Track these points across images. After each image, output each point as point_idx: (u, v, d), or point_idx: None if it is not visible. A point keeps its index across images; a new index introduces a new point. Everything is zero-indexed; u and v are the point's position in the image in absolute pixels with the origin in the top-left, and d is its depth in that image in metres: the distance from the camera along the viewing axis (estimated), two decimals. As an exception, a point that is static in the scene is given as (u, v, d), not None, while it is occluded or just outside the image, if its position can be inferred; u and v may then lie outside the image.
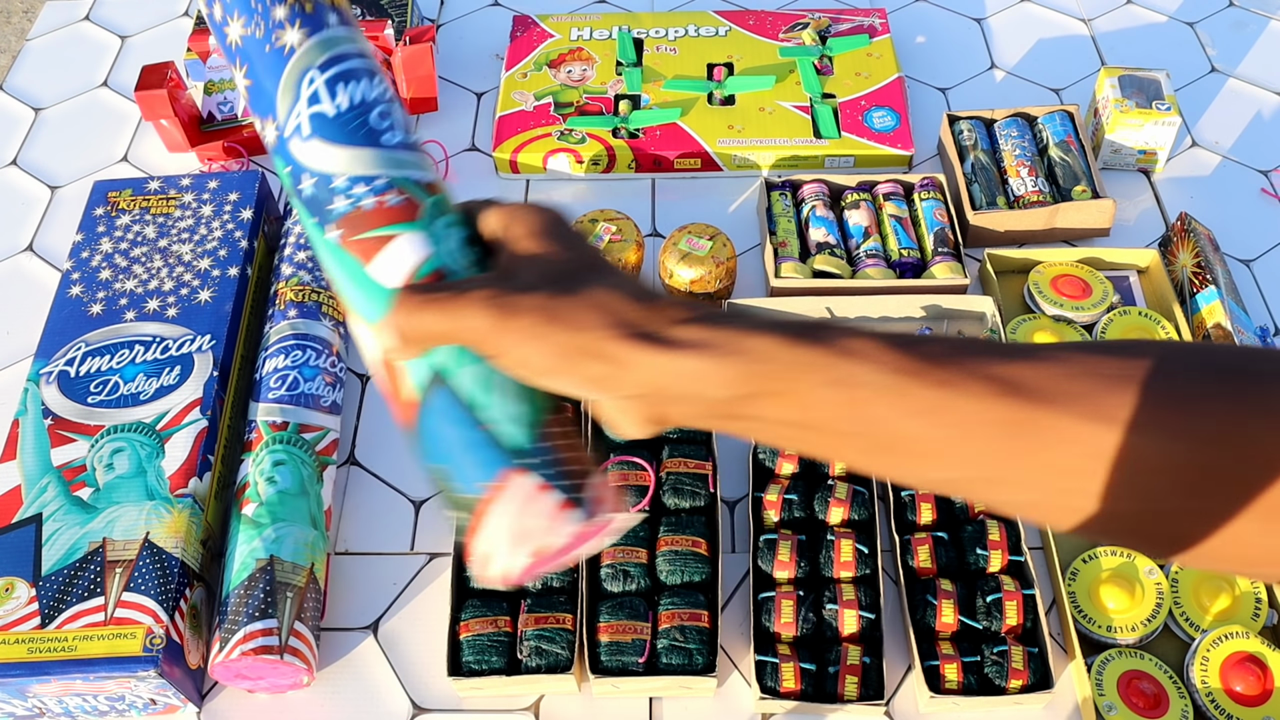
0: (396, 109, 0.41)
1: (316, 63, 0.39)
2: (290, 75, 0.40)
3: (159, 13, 1.22)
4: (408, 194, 0.40)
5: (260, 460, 0.74)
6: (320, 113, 0.40)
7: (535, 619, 0.69)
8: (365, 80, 0.40)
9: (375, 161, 0.40)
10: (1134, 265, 0.92)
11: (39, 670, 0.65)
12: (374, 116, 0.40)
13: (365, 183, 0.39)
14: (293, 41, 0.39)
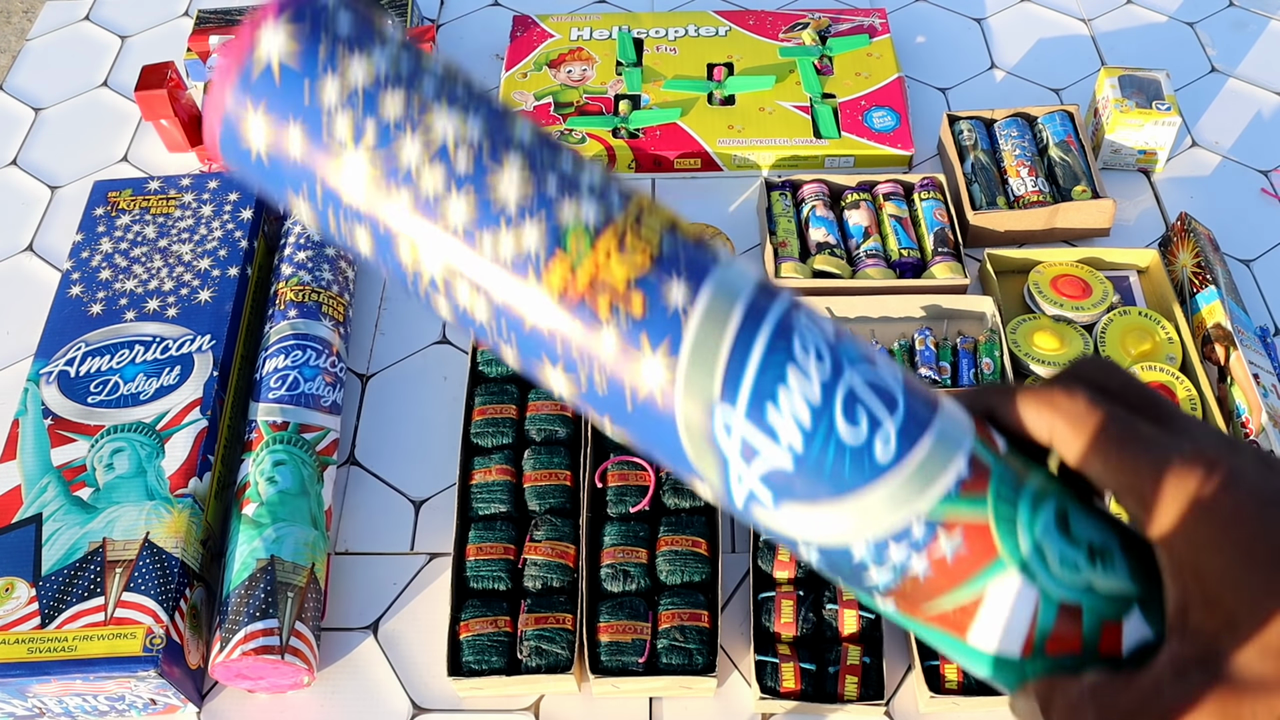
0: (868, 368, 0.29)
1: (716, 392, 0.28)
2: (691, 428, 0.29)
3: (159, 13, 1.22)
4: (963, 518, 0.28)
5: (261, 460, 0.74)
6: (775, 471, 0.29)
7: (535, 619, 0.69)
8: (799, 356, 0.28)
9: (893, 503, 0.28)
10: (1134, 265, 0.92)
11: (39, 670, 0.65)
12: (846, 424, 0.28)
13: (899, 540, 0.29)
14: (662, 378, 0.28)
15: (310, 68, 0.28)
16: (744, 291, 0.29)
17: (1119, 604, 0.28)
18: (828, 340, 0.29)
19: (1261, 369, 0.82)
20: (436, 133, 0.28)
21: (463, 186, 0.28)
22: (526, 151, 0.29)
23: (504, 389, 0.81)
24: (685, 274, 0.28)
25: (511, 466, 0.76)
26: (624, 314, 0.28)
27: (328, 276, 0.86)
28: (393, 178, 0.29)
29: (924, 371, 0.84)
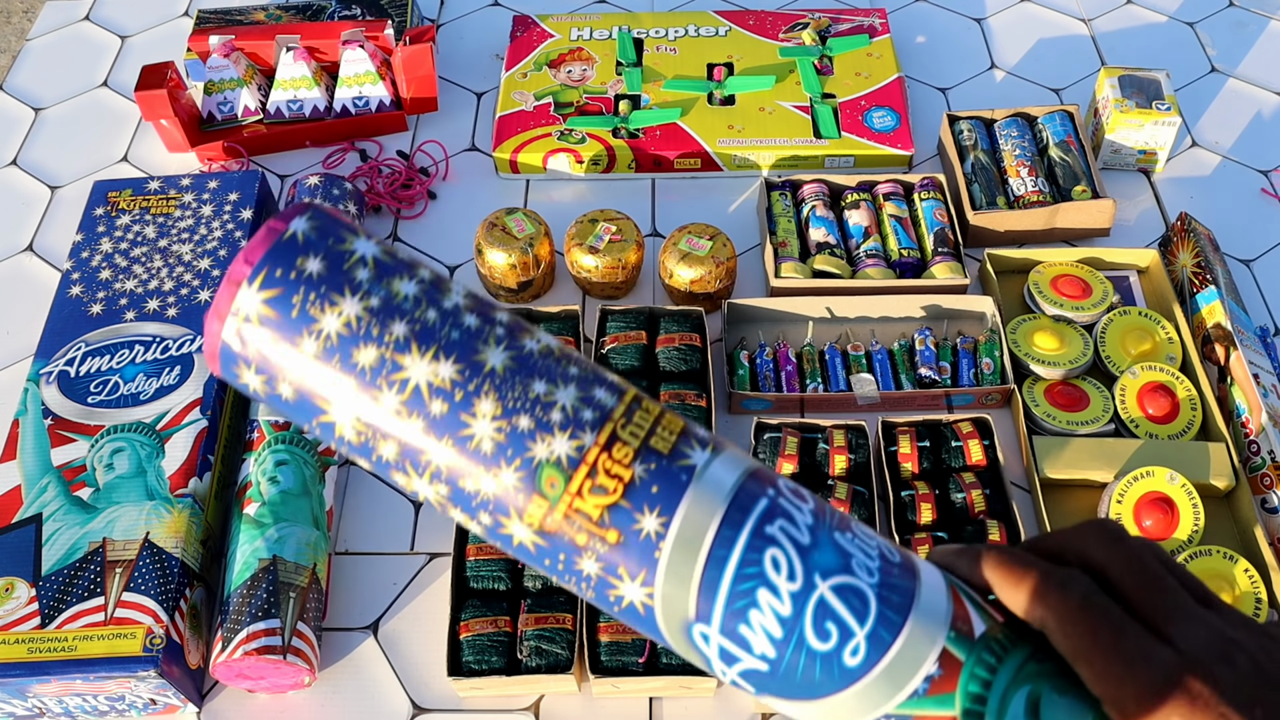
0: (841, 575, 0.31)
1: (691, 614, 0.30)
2: (673, 635, 0.31)
3: (159, 13, 1.22)
4: (931, 716, 0.30)
5: (262, 460, 0.74)
6: (751, 671, 0.31)
7: (535, 619, 0.69)
8: (770, 576, 0.30)
9: (862, 705, 0.30)
10: (1134, 265, 0.92)
11: (39, 670, 0.65)
12: (815, 636, 0.30)
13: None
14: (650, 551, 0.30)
15: (286, 327, 0.30)
16: (717, 511, 0.30)
17: None
18: (801, 548, 0.30)
19: (1261, 369, 0.82)
20: (411, 378, 0.30)
21: (441, 436, 0.30)
22: (498, 383, 0.30)
23: (504, 389, 0.80)
24: (658, 500, 0.30)
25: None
26: (601, 543, 0.30)
27: (328, 276, 0.85)
28: (378, 421, 0.31)
29: (924, 371, 0.84)
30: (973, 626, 0.31)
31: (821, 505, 0.32)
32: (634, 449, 0.30)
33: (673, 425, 0.32)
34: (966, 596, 0.32)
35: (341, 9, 1.13)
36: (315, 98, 1.04)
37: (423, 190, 1.01)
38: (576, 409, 0.31)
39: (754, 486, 0.31)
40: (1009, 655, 0.31)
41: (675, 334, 0.83)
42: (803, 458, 0.77)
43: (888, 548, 0.32)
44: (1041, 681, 0.30)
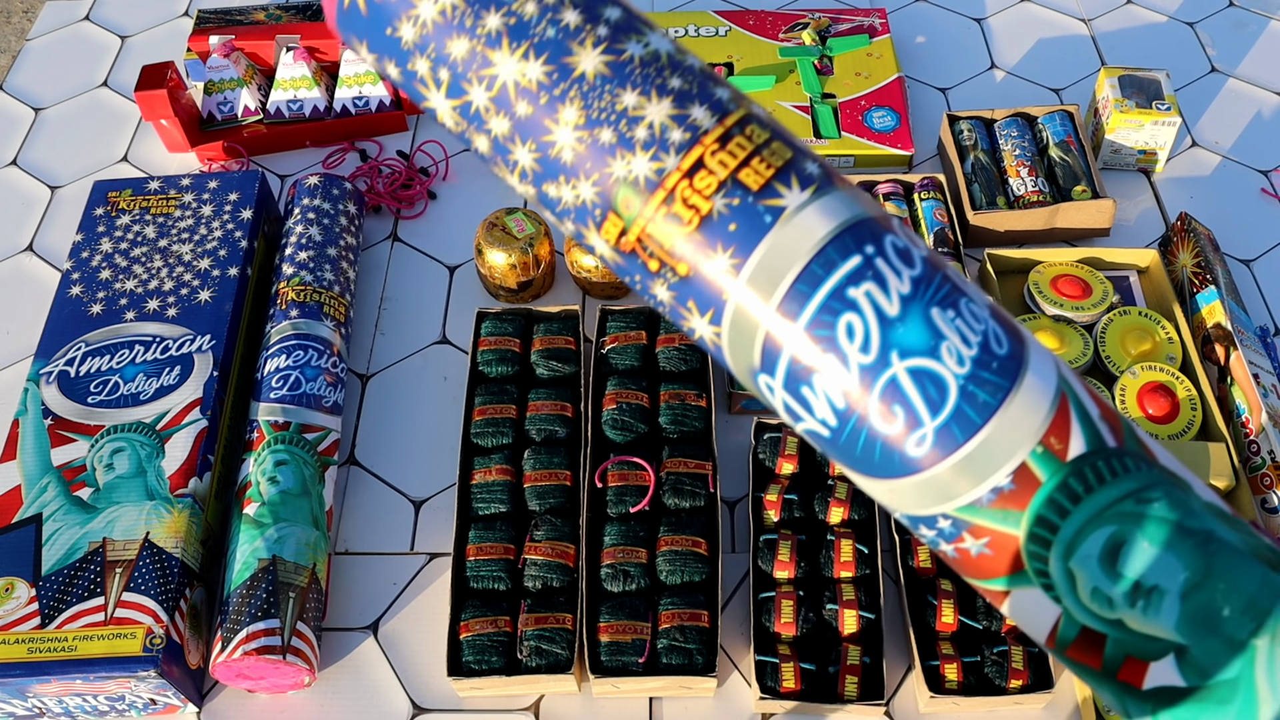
0: (927, 353, 0.27)
1: (756, 363, 0.28)
2: (742, 377, 0.29)
3: (159, 13, 1.22)
4: (992, 528, 0.28)
5: (262, 460, 0.74)
6: (813, 433, 0.29)
7: (535, 619, 0.69)
8: (841, 341, 0.27)
9: (920, 496, 0.28)
10: (1134, 265, 0.92)
11: (39, 670, 0.65)
12: (880, 418, 0.28)
13: (928, 525, 0.29)
14: None
15: (387, 10, 0.29)
16: (796, 262, 0.27)
17: (1152, 646, 0.27)
18: (884, 320, 0.27)
19: (1261, 369, 0.82)
20: (500, 76, 0.29)
21: (526, 139, 0.29)
22: (585, 91, 0.28)
23: (504, 389, 0.81)
24: (734, 239, 0.28)
25: (511, 466, 0.76)
26: (672, 273, 0.29)
27: (329, 277, 0.86)
28: (469, 115, 0.30)
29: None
30: (1068, 446, 0.27)
31: (934, 272, 0.28)
32: (720, 179, 0.28)
33: (777, 156, 0.28)
34: (1080, 409, 0.28)
35: (341, 9, 1.13)
36: (315, 98, 1.04)
37: (423, 190, 1.01)
38: (665, 127, 0.28)
39: (850, 239, 0.28)
40: (1104, 487, 0.27)
41: (675, 334, 0.83)
42: (803, 458, 0.77)
43: (999, 334, 0.28)
44: (1132, 525, 0.27)
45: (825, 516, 0.74)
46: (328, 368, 0.81)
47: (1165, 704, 0.27)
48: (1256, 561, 0.26)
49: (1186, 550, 0.27)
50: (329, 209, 0.90)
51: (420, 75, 0.30)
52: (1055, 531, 0.27)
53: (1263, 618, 0.26)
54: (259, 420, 0.77)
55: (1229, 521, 0.27)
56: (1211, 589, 0.26)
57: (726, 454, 0.82)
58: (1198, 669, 0.26)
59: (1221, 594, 0.26)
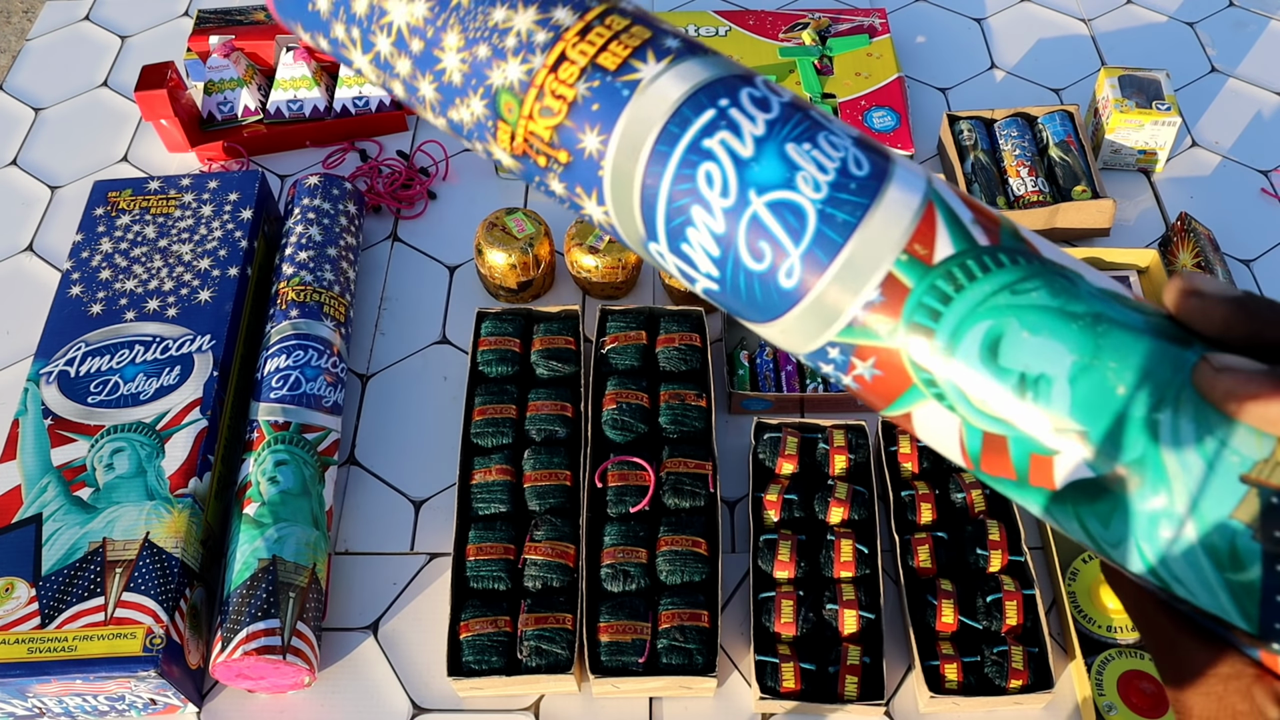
0: (782, 185, 0.28)
1: (642, 232, 0.30)
2: (640, 251, 0.31)
3: (159, 13, 1.22)
4: (873, 345, 0.28)
5: (262, 460, 0.74)
6: (709, 291, 0.30)
7: (535, 619, 0.69)
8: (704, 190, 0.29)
9: (804, 329, 0.29)
10: (1134, 265, 0.92)
11: (39, 670, 0.65)
12: (750, 256, 0.29)
13: (824, 359, 0.29)
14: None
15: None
16: (654, 126, 0.29)
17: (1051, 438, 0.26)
18: (739, 162, 0.28)
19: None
20: (394, 21, 0.32)
21: (424, 73, 0.32)
22: (462, 16, 0.31)
23: (504, 389, 0.81)
24: (599, 118, 0.29)
25: (511, 466, 0.76)
26: (556, 164, 0.30)
27: (329, 277, 0.86)
28: (381, 64, 0.33)
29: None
30: (934, 249, 0.27)
31: (792, 113, 0.29)
32: (581, 66, 0.30)
33: (635, 37, 0.30)
34: (950, 214, 0.28)
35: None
36: (315, 98, 1.04)
37: (423, 190, 1.01)
38: (531, 32, 0.30)
39: (704, 97, 0.29)
40: (974, 284, 0.27)
41: (675, 334, 0.83)
42: (803, 458, 0.77)
43: (858, 157, 0.28)
44: (1008, 315, 0.27)
45: (825, 516, 0.74)
46: (328, 368, 0.81)
47: (1083, 500, 0.26)
48: (1152, 336, 0.26)
49: (1071, 333, 0.26)
50: (329, 209, 0.90)
51: (340, 40, 0.33)
52: (931, 336, 0.27)
53: (1162, 391, 0.25)
54: (259, 420, 0.77)
55: (1123, 302, 0.27)
56: (1102, 368, 0.26)
57: (726, 454, 0.82)
58: (1101, 455, 0.26)
59: (1114, 372, 0.26)
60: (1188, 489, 0.25)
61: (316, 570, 0.72)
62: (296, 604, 0.69)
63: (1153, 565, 0.26)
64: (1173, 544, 0.25)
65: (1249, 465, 0.25)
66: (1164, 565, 0.25)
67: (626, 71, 0.29)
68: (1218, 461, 0.25)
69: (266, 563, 0.69)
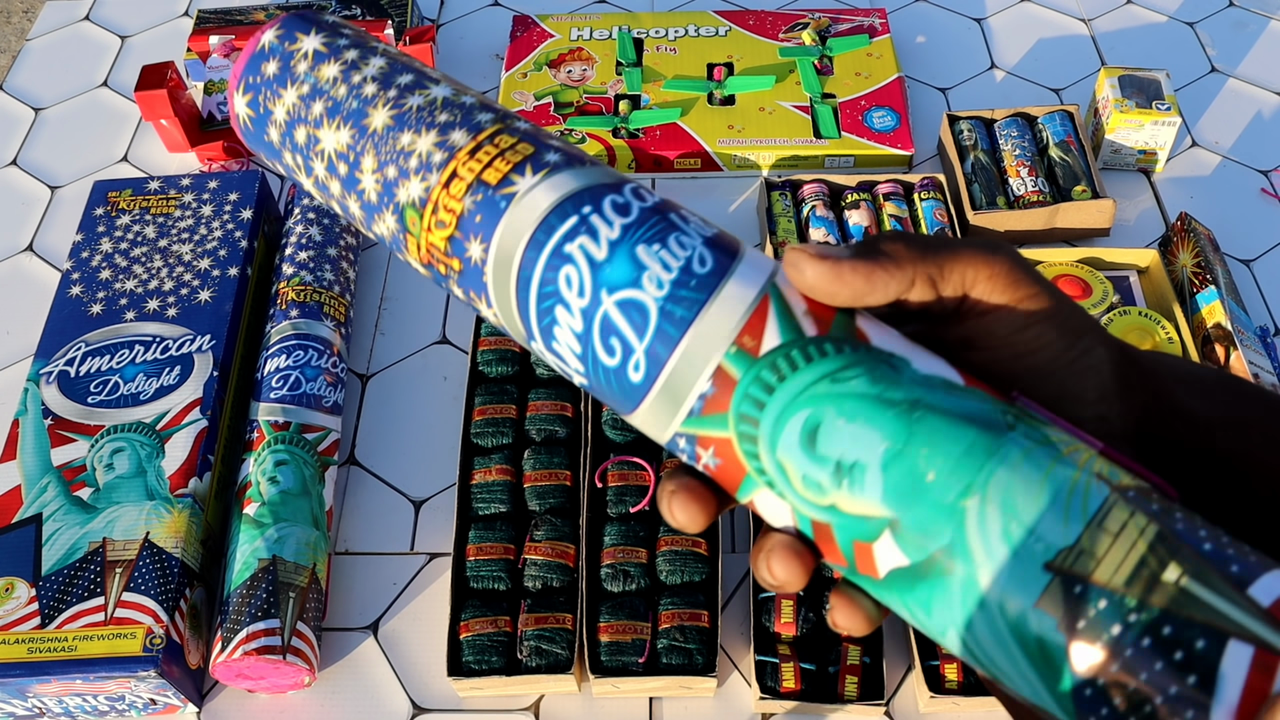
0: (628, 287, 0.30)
1: (523, 331, 0.33)
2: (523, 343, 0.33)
3: (159, 13, 1.22)
4: (712, 436, 0.29)
5: (262, 460, 0.74)
6: (584, 386, 0.32)
7: (535, 619, 0.69)
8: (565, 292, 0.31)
9: (656, 420, 0.30)
10: (1134, 265, 0.92)
11: (39, 670, 0.65)
12: (604, 352, 0.30)
13: (678, 449, 0.31)
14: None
15: (259, 123, 0.37)
16: (524, 234, 0.31)
17: (869, 526, 0.27)
18: (594, 264, 0.30)
19: (1261, 369, 0.82)
20: (325, 148, 0.35)
21: (349, 193, 0.35)
22: (377, 141, 0.34)
23: (504, 389, 0.81)
24: (480, 228, 0.32)
25: (511, 466, 0.76)
26: (454, 271, 0.33)
27: (329, 276, 0.86)
28: (319, 188, 0.36)
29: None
30: (762, 341, 0.28)
31: (649, 217, 0.31)
32: (468, 182, 0.32)
33: (518, 153, 0.32)
34: (783, 306, 0.29)
35: (341, 9, 1.13)
36: (315, 98, 1.04)
37: (423, 190, 1.01)
38: (429, 153, 0.33)
39: (570, 205, 0.31)
40: (796, 373, 0.28)
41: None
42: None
43: (704, 255, 0.30)
44: (826, 404, 0.27)
45: (825, 516, 0.74)
46: (328, 368, 0.81)
47: (905, 588, 0.27)
48: (967, 423, 0.26)
49: (886, 420, 0.27)
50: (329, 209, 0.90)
51: (291, 165, 0.37)
52: (758, 425, 0.28)
53: (971, 477, 0.26)
54: (259, 420, 0.77)
55: (948, 389, 0.27)
56: (914, 455, 0.26)
57: (726, 454, 0.82)
58: (913, 542, 0.26)
59: (925, 458, 0.26)
60: (995, 576, 0.25)
61: (316, 570, 0.72)
62: (296, 604, 0.69)
63: (975, 655, 0.26)
64: (988, 633, 0.25)
65: (1053, 553, 0.25)
66: (985, 655, 0.26)
67: (506, 185, 0.32)
68: (1023, 549, 0.25)
69: (266, 563, 0.69)
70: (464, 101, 0.34)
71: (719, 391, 0.29)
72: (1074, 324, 0.30)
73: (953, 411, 0.27)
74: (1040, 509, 0.25)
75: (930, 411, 0.27)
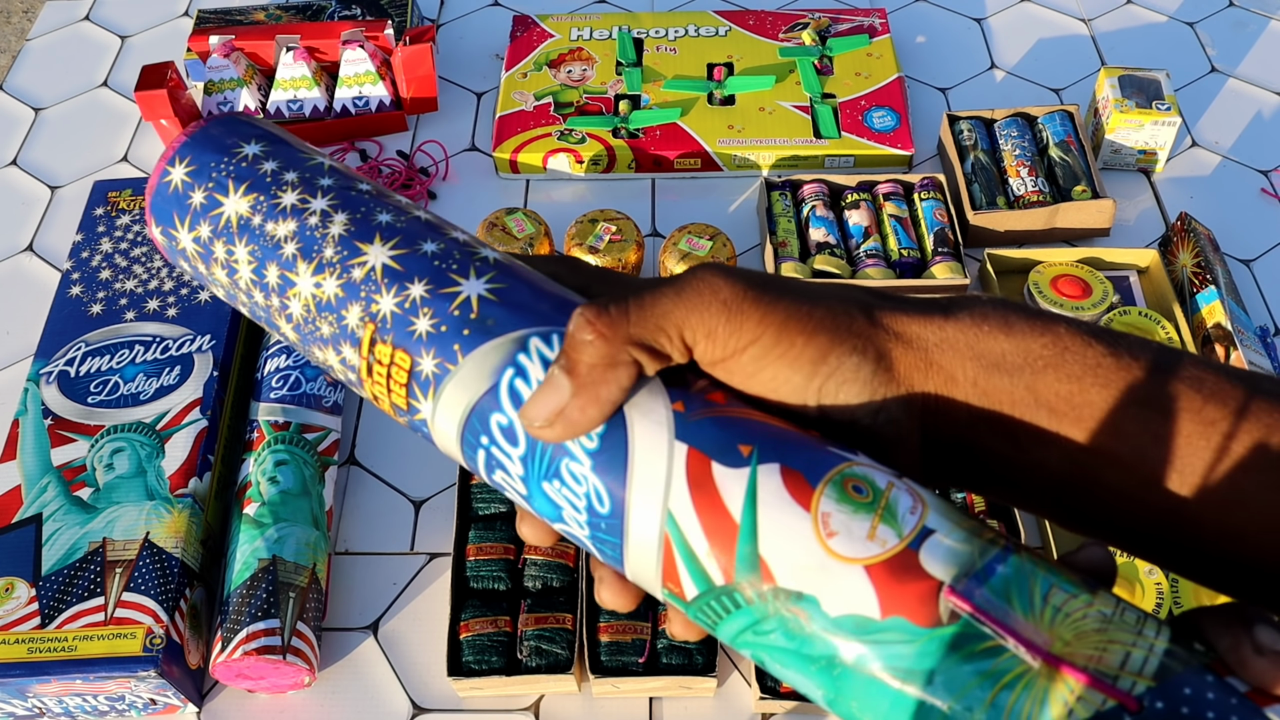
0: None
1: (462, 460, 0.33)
2: None
3: (159, 13, 1.22)
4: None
5: (262, 460, 0.74)
6: None
7: (535, 619, 0.69)
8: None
9: None
10: (1134, 265, 0.92)
11: (39, 670, 0.65)
12: None
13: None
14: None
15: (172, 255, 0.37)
16: (456, 450, 0.32)
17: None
18: (523, 496, 0.31)
19: (1261, 369, 0.82)
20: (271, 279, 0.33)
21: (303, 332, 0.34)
22: (304, 313, 0.33)
23: (504, 389, 0.80)
24: (422, 428, 0.32)
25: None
26: (409, 409, 0.32)
27: (328, 276, 0.86)
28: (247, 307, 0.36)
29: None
30: (682, 589, 0.28)
31: (533, 444, 0.30)
32: (392, 404, 0.32)
33: (399, 368, 0.32)
34: (684, 548, 0.28)
35: (341, 9, 1.13)
36: (315, 98, 1.04)
37: (423, 190, 1.01)
38: (345, 372, 0.33)
39: (470, 436, 0.31)
40: (722, 622, 0.28)
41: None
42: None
43: (598, 491, 0.29)
44: (760, 650, 0.28)
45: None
46: (328, 368, 0.81)
47: None
48: (884, 684, 0.26)
49: (813, 673, 0.27)
50: (329, 209, 0.90)
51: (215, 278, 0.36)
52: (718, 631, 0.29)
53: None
54: (259, 420, 0.77)
55: (862, 632, 0.27)
56: (846, 706, 0.27)
57: (726, 454, 0.82)
58: None
59: (857, 710, 0.27)
60: None
61: (316, 570, 0.72)
62: (296, 604, 0.69)
63: None
64: None
65: None
66: None
67: (414, 411, 0.32)
68: None
69: (266, 563, 0.69)
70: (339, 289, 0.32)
71: (675, 606, 0.30)
72: (816, 346, 0.28)
73: (866, 671, 0.26)
74: None
75: (846, 670, 0.26)
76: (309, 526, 0.73)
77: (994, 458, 0.30)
